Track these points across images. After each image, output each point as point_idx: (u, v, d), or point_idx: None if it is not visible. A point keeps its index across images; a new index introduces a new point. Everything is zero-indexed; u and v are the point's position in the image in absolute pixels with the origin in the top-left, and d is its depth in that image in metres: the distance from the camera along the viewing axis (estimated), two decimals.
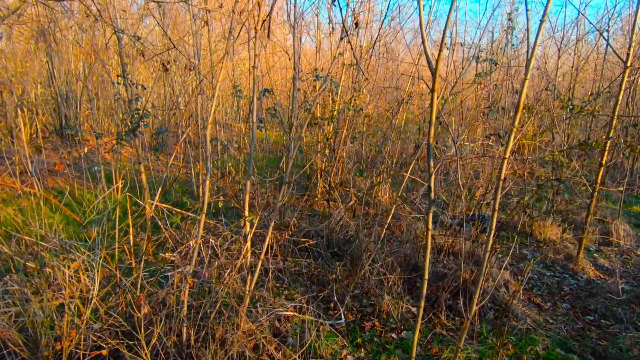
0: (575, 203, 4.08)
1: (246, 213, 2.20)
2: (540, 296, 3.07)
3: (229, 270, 2.36)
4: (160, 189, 2.92)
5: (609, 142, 3.40)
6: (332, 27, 3.86)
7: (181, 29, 6.23)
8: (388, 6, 5.01)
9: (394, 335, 2.44)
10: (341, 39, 2.32)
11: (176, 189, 5.17)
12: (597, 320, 2.77)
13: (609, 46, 5.72)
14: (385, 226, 3.10)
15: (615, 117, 3.35)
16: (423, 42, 1.19)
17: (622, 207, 4.78)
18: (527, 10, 1.80)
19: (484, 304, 2.66)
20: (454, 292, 2.75)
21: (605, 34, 4.65)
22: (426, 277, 1.37)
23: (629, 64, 3.26)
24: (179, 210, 2.93)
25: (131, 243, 2.57)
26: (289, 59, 4.46)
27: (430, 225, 1.37)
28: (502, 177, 1.72)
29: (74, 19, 5.79)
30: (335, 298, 2.76)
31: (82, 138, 6.36)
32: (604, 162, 3.49)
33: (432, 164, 1.27)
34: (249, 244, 2.21)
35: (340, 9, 3.20)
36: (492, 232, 1.77)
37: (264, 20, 2.29)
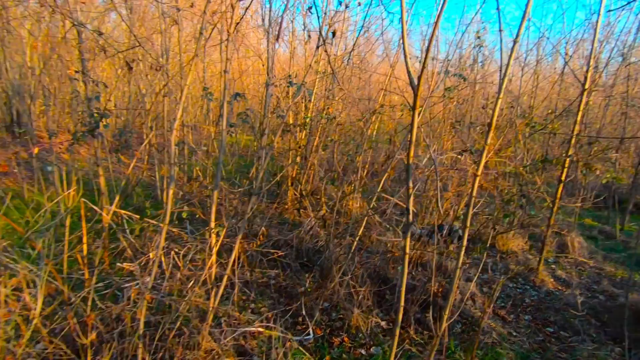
0: (538, 217, 4.25)
1: (212, 224, 2.08)
2: (504, 308, 3.14)
3: (191, 284, 2.22)
4: (119, 194, 2.73)
5: (567, 159, 3.56)
6: (309, 35, 3.81)
7: (149, 26, 5.97)
8: (364, 17, 5.06)
9: (362, 351, 2.39)
10: (317, 47, 2.27)
11: (139, 193, 4.89)
12: (557, 332, 2.86)
13: (566, 67, 6.08)
14: (357, 238, 3.07)
15: (575, 135, 3.52)
16: (405, 58, 1.16)
17: (576, 220, 5.05)
18: (500, 31, 1.84)
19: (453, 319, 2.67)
20: (423, 306, 2.75)
21: (564, 56, 4.93)
22: (402, 303, 1.33)
23: (586, 87, 3.45)
24: (139, 217, 2.74)
25: (85, 252, 2.37)
26: (262, 65, 4.37)
27: (408, 249, 1.33)
28: (474, 194, 1.72)
29: (31, 7, 5.39)
30: (303, 312, 2.68)
31: (33, 137, 5.91)
32: (563, 178, 3.65)
33: (411, 184, 1.23)
34: (214, 257, 2.09)
35: (318, 17, 3.17)
36: (464, 248, 1.77)
37: (237, 23, 2.20)
